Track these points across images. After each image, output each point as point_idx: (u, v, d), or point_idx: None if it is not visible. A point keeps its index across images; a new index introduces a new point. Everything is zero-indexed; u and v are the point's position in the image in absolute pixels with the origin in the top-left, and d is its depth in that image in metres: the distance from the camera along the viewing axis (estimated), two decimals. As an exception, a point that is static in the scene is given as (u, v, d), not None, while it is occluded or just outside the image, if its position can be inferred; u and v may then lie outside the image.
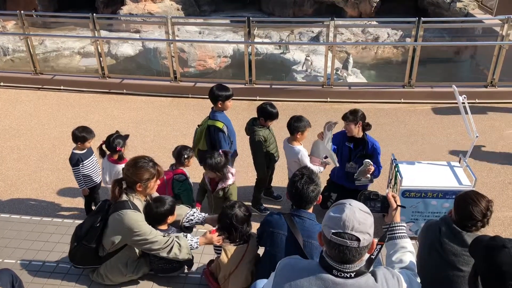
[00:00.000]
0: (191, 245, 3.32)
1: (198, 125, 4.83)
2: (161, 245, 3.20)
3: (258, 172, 4.96)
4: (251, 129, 4.77)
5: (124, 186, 3.33)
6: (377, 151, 4.77)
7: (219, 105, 4.57)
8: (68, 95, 8.27)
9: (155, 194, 3.60)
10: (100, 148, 4.50)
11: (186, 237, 3.35)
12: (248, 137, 4.86)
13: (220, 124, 4.54)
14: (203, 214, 3.67)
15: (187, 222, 3.59)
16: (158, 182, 3.42)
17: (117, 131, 4.54)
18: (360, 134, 4.72)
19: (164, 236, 3.24)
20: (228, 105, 4.62)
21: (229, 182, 4.19)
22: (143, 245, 3.22)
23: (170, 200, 3.51)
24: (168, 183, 4.32)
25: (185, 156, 4.35)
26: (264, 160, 4.86)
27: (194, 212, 3.65)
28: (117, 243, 3.28)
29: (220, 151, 4.20)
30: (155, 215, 3.43)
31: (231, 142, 4.73)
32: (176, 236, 3.31)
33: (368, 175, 4.71)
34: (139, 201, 3.33)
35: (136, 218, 3.18)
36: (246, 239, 3.23)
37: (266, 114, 4.69)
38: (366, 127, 4.72)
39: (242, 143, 5.17)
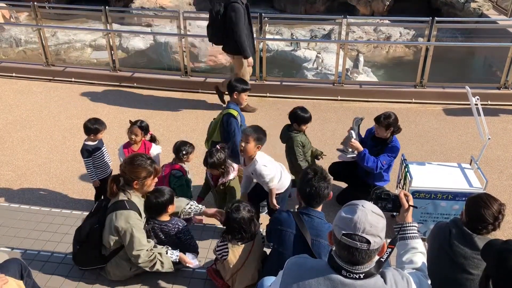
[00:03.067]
0: (172, 257, 3.43)
1: (214, 119, 4.86)
2: (143, 260, 3.28)
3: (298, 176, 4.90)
4: (287, 135, 4.72)
5: (122, 182, 3.34)
6: (391, 150, 4.69)
7: (235, 96, 4.71)
8: (79, 87, 8.30)
9: None
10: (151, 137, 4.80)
11: (167, 253, 3.44)
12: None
13: (234, 112, 4.60)
14: (200, 206, 3.77)
15: (187, 214, 3.68)
16: (156, 180, 3.44)
17: (130, 121, 4.68)
18: (387, 136, 4.69)
19: (147, 251, 3.29)
20: (243, 98, 4.75)
21: (230, 177, 4.18)
22: (130, 254, 3.28)
23: (168, 190, 3.54)
24: (166, 178, 4.35)
25: (184, 152, 4.35)
26: (305, 164, 4.75)
27: (192, 205, 3.74)
28: (114, 243, 3.30)
29: (218, 146, 4.20)
30: (156, 205, 3.46)
31: None
32: (159, 253, 3.36)
33: (350, 149, 4.70)
34: (137, 198, 3.35)
35: (132, 223, 3.21)
36: (252, 237, 3.24)
37: (298, 119, 4.67)
38: (396, 131, 4.68)
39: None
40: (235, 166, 4.28)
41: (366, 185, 4.77)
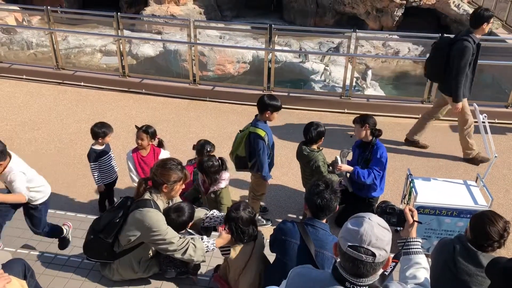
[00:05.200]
0: (207, 246, 3.31)
1: (240, 130, 4.71)
2: (177, 247, 3.21)
3: None
4: (308, 156, 4.66)
5: (149, 185, 3.36)
6: (378, 155, 4.66)
7: (266, 115, 4.41)
8: (87, 92, 8.37)
9: (178, 199, 3.63)
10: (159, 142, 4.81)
11: (202, 240, 3.34)
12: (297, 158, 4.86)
13: (262, 132, 4.41)
14: (222, 213, 3.68)
15: (207, 222, 3.62)
16: (183, 186, 3.45)
17: (136, 126, 4.71)
18: (369, 139, 4.70)
19: (180, 238, 3.25)
20: (274, 117, 4.49)
21: (221, 185, 4.24)
22: (160, 245, 3.24)
23: (189, 208, 3.50)
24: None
25: (208, 149, 4.47)
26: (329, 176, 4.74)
27: (214, 212, 3.68)
28: (134, 240, 3.30)
29: (218, 157, 4.24)
30: (175, 224, 3.44)
31: (270, 152, 4.63)
32: (192, 238, 3.31)
33: (338, 173, 4.72)
34: (161, 202, 3.35)
35: (156, 218, 3.20)
36: (251, 238, 3.25)
37: (315, 134, 4.62)
38: (374, 131, 4.69)
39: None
40: (226, 176, 4.30)
41: (362, 199, 4.82)
